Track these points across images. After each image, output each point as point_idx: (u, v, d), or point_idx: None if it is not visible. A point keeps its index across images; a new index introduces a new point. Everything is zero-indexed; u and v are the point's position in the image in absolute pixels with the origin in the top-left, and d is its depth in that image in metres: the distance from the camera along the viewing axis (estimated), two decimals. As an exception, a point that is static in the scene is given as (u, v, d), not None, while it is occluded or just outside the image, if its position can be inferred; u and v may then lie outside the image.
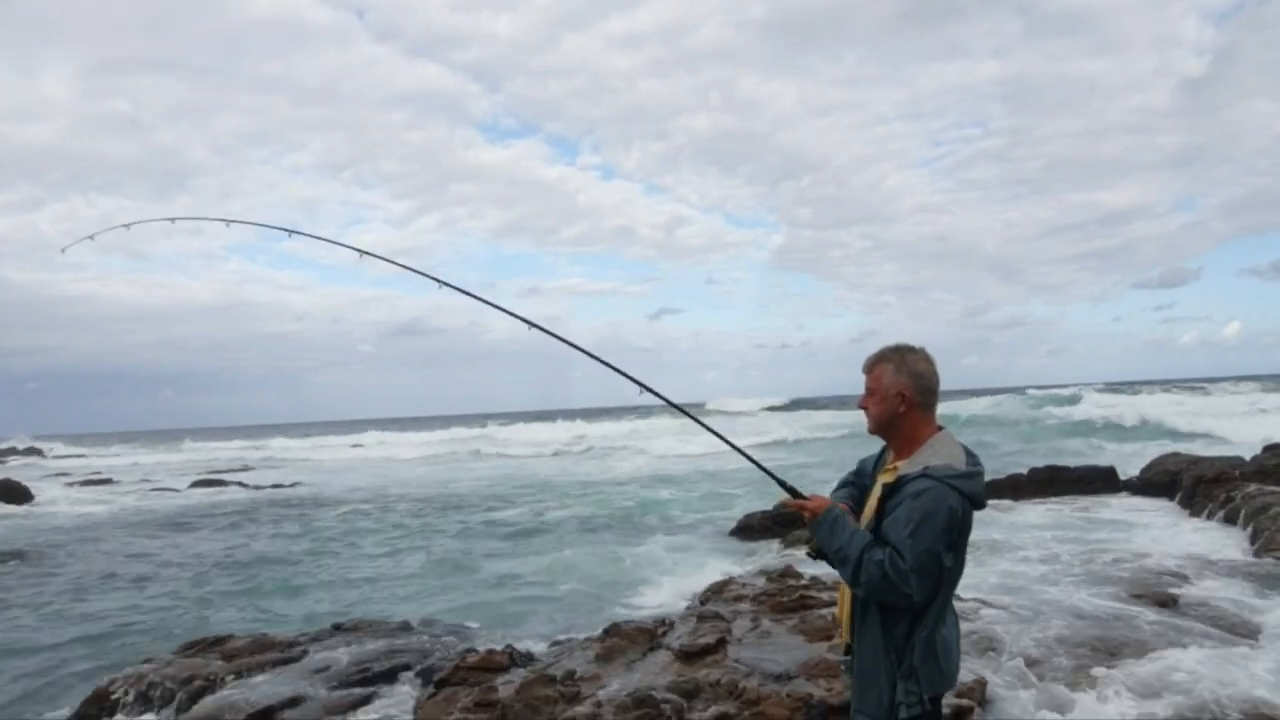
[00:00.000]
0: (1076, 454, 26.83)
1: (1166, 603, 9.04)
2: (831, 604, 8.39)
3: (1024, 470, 20.30)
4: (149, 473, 47.09)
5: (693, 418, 3.99)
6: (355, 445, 67.83)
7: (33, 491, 28.98)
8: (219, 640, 8.96)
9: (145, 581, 15.94)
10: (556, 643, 9.25)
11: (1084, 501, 18.00)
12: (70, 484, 39.62)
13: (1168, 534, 14.13)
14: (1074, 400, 52.91)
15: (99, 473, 46.76)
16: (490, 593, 13.82)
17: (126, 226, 5.82)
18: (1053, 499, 18.30)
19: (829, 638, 7.50)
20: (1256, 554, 11.75)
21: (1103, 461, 21.31)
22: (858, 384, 3.11)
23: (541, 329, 4.30)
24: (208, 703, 7.63)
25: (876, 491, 2.97)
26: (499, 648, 8.22)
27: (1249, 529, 13.16)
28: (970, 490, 2.83)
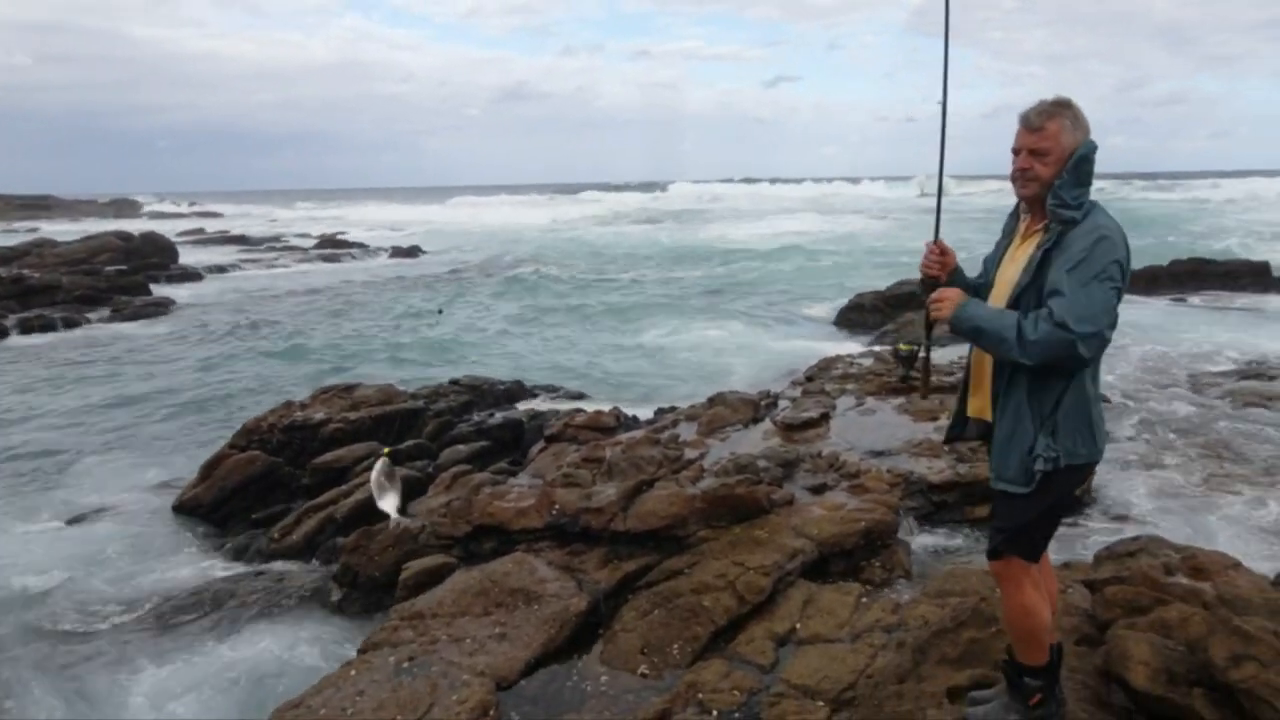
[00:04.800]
0: (1226, 250, 24.92)
1: (1275, 410, 8.57)
2: (939, 389, 8.29)
3: (1164, 262, 19.01)
4: (282, 229, 49.43)
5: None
6: (466, 211, 68.83)
7: (177, 250, 30.85)
8: (349, 388, 9.61)
9: (278, 335, 17.13)
10: (662, 409, 9.55)
11: (1228, 298, 16.89)
12: (203, 241, 42.03)
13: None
14: (1229, 188, 48.61)
15: (227, 231, 49.22)
16: (599, 358, 14.31)
17: None
18: (1193, 294, 17.22)
19: (934, 419, 7.46)
20: None
21: (1257, 257, 19.69)
22: (987, 163, 2.84)
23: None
24: (339, 448, 8.29)
25: (1026, 251, 2.75)
26: (606, 409, 8.55)
27: None
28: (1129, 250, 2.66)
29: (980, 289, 2.98)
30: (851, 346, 13.02)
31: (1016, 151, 2.73)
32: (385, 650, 4.21)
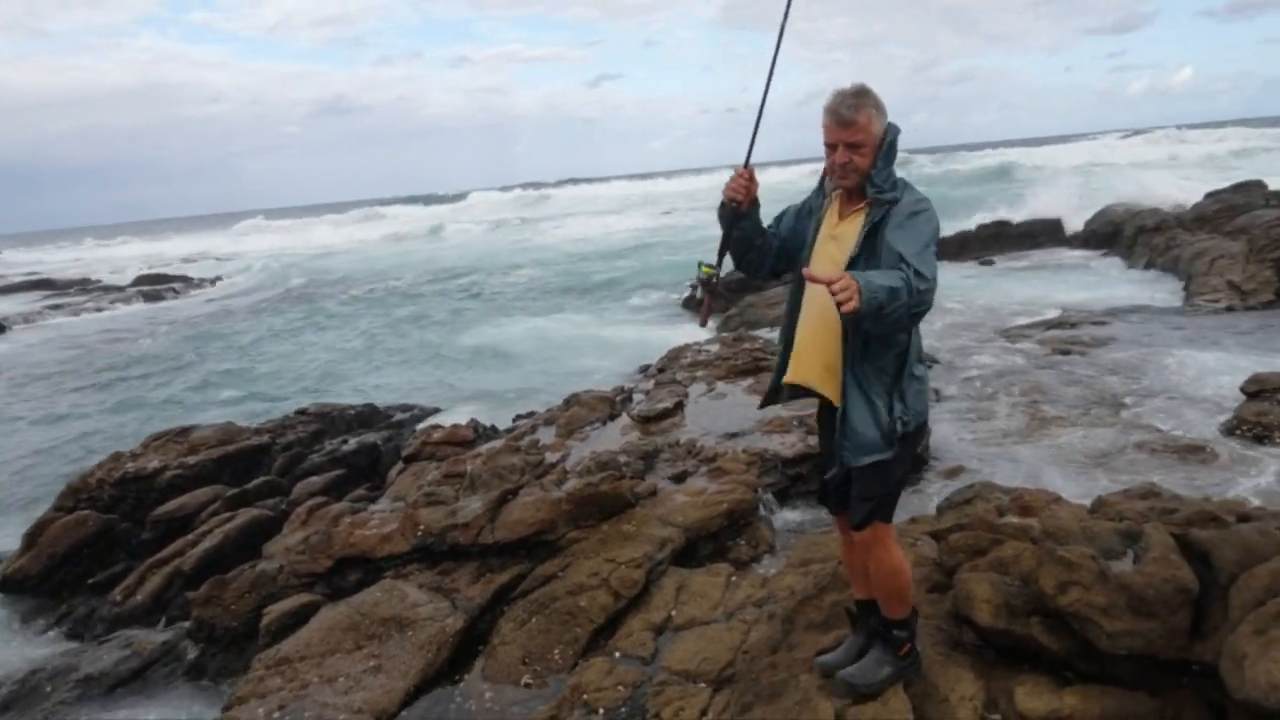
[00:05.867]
0: (1022, 209, 27.05)
1: (1079, 354, 9.40)
2: (765, 368, 8.62)
3: (971, 226, 20.52)
4: (87, 270, 45.69)
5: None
6: (294, 233, 65.81)
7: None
8: (184, 431, 9.03)
9: (106, 385, 15.88)
10: (520, 416, 9.50)
11: (1027, 256, 18.41)
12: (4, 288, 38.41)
13: (1101, 284, 14.62)
14: (1020, 156, 52.96)
15: (35, 273, 45.23)
16: (451, 369, 14.06)
17: None
18: (997, 254, 18.66)
19: (783, 397, 7.77)
20: (1187, 300, 12.25)
21: (1049, 215, 21.52)
22: (803, 147, 2.89)
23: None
24: (180, 495, 7.80)
25: (851, 231, 2.84)
26: (463, 422, 8.43)
27: (1181, 276, 13.65)
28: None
29: (784, 241, 3.05)
30: (699, 332, 13.34)
31: (832, 146, 2.77)
32: (253, 703, 4.02)
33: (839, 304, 2.39)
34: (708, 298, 3.10)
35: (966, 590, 3.42)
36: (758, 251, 3.06)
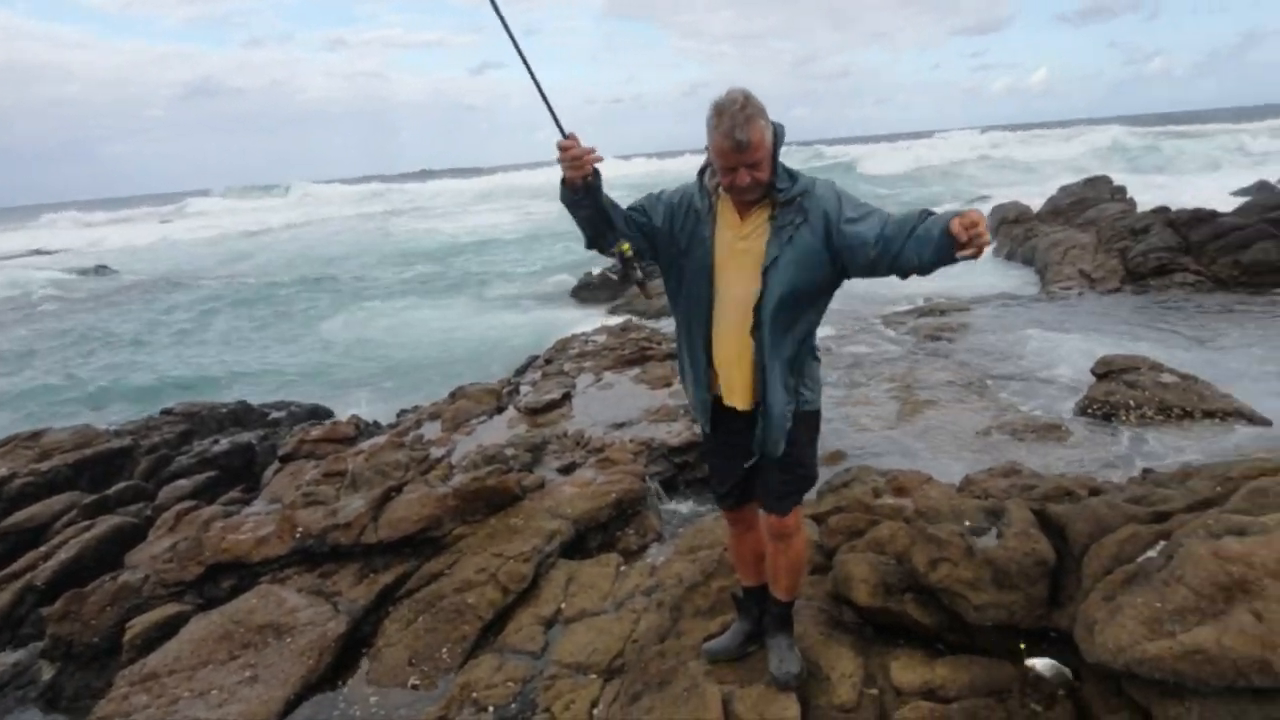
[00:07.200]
0: (898, 204, 28.24)
1: (947, 340, 9.91)
2: (671, 356, 8.73)
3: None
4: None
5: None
6: (163, 221, 62.25)
7: None
8: (35, 435, 8.42)
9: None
10: (404, 410, 9.28)
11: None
12: None
13: (966, 273, 15.37)
14: (890, 152, 55.15)
15: None
16: (330, 364, 13.58)
17: None
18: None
19: (668, 385, 7.86)
20: (1043, 288, 13.04)
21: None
22: (689, 138, 2.80)
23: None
24: (31, 504, 7.28)
25: (759, 229, 2.76)
26: (344, 419, 8.17)
27: (1038, 265, 14.51)
28: None
29: (657, 235, 2.87)
30: (588, 321, 13.36)
31: (732, 168, 2.64)
32: (117, 722, 3.79)
33: (982, 244, 2.36)
34: (640, 276, 2.86)
35: (845, 571, 3.54)
36: (616, 233, 2.82)
